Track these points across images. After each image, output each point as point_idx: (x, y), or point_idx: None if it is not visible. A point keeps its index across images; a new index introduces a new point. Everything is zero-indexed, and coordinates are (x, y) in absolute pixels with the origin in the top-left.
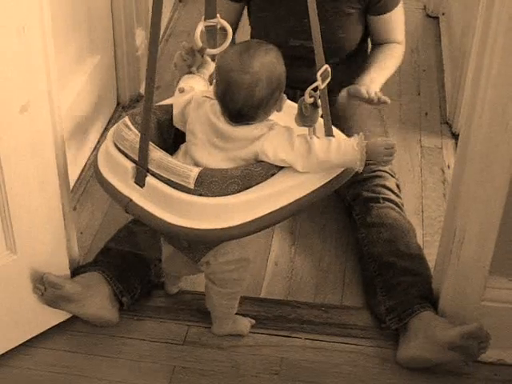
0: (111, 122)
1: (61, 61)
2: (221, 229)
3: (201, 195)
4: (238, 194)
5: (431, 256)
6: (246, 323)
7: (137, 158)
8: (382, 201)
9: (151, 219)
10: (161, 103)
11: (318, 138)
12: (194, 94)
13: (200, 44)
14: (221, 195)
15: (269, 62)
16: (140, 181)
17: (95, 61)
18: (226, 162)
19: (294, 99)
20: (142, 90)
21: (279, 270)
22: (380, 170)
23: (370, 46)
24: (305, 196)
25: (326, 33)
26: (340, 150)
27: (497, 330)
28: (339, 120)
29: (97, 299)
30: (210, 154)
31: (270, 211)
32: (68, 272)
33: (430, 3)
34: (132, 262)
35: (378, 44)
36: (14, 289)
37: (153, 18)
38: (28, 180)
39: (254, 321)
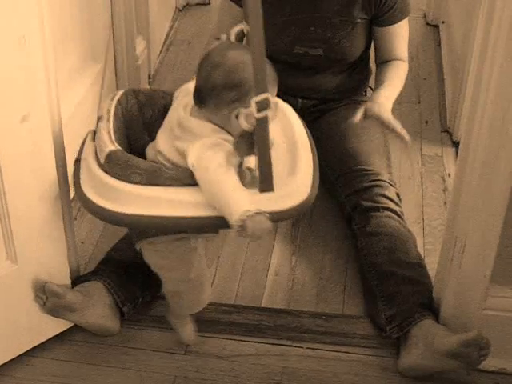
0: None
1: (61, 70)
2: (114, 211)
3: (106, 172)
4: (133, 185)
5: (432, 264)
6: (186, 331)
7: None
8: (381, 210)
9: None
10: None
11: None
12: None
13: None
14: (122, 180)
15: (241, 60)
16: None
17: (96, 70)
18: (171, 149)
19: (295, 107)
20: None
21: (280, 279)
22: (380, 180)
23: (370, 55)
24: (195, 217)
25: (330, 41)
26: (222, 199)
27: (498, 338)
28: (341, 148)
29: (98, 308)
30: (166, 138)
31: (162, 214)
32: (69, 281)
33: (429, 11)
34: (133, 272)
35: (383, 62)
36: (14, 299)
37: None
38: (28, 190)
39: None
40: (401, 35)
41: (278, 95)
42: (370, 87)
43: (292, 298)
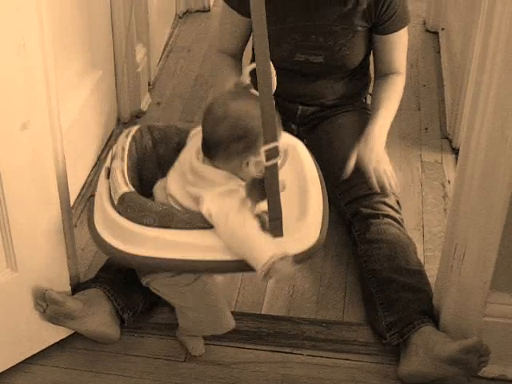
0: (112, 138)
1: (61, 77)
2: (127, 252)
3: (119, 213)
4: (146, 227)
5: (432, 271)
6: (197, 346)
7: None
8: (381, 217)
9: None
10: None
11: (258, 218)
12: None
13: (247, 82)
14: (135, 222)
15: (244, 110)
16: None
17: (96, 77)
18: (184, 194)
19: (295, 113)
20: (142, 106)
21: (280, 286)
22: (379, 187)
23: (371, 62)
24: (211, 261)
25: (331, 49)
26: (246, 245)
27: (498, 345)
28: (341, 156)
29: (98, 316)
30: (177, 183)
31: (174, 257)
32: (69, 289)
33: (429, 18)
34: (133, 279)
35: (381, 75)
36: (15, 306)
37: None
38: (28, 197)
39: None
40: (400, 45)
41: (277, 102)
42: (370, 94)
43: (292, 305)
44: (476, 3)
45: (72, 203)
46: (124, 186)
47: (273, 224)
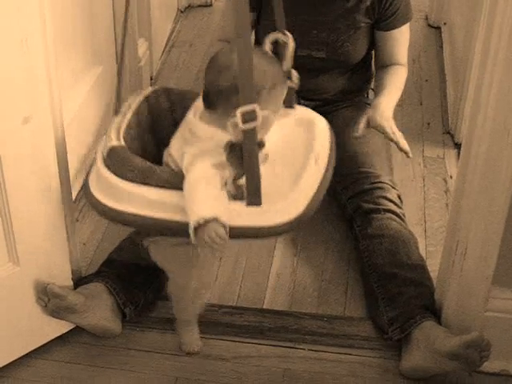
0: None
1: (63, 72)
2: (108, 206)
3: (107, 167)
4: (127, 182)
5: (434, 266)
6: (193, 342)
7: None
8: (382, 212)
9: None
10: None
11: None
12: None
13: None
14: (118, 176)
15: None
16: None
17: (98, 72)
18: (180, 153)
19: None
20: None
21: (282, 280)
22: (381, 182)
23: (373, 57)
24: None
25: (333, 44)
26: (191, 201)
27: (500, 340)
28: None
29: (100, 310)
30: (177, 141)
31: (145, 214)
32: (71, 283)
33: (431, 13)
34: (135, 273)
35: (383, 66)
36: (16, 300)
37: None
38: (30, 191)
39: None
40: (402, 40)
41: None
42: (372, 89)
43: (294, 300)
44: None
45: (73, 198)
46: (114, 140)
47: (250, 191)
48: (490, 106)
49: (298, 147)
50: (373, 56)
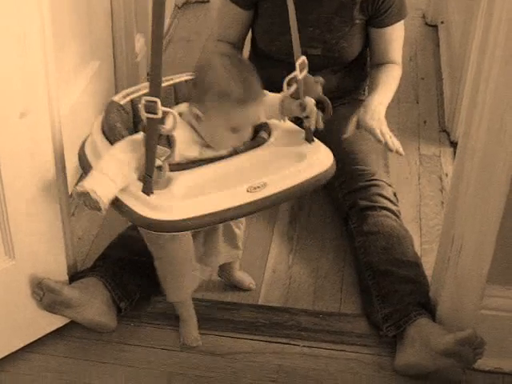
0: None
1: (61, 66)
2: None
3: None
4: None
5: (429, 264)
6: (193, 337)
7: None
8: (378, 209)
9: None
10: None
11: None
12: None
13: None
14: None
15: (209, 63)
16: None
17: (95, 67)
18: None
19: None
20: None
21: (277, 277)
22: (377, 179)
23: (368, 55)
24: None
25: (329, 41)
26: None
27: (494, 338)
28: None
29: (95, 305)
30: None
31: None
32: (66, 277)
33: (429, 12)
34: (130, 268)
35: (377, 64)
36: (12, 294)
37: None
38: (26, 185)
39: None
40: (396, 38)
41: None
42: (369, 86)
43: (289, 296)
44: None
45: (70, 192)
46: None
47: (144, 179)
48: (486, 104)
49: (250, 173)
50: (367, 56)
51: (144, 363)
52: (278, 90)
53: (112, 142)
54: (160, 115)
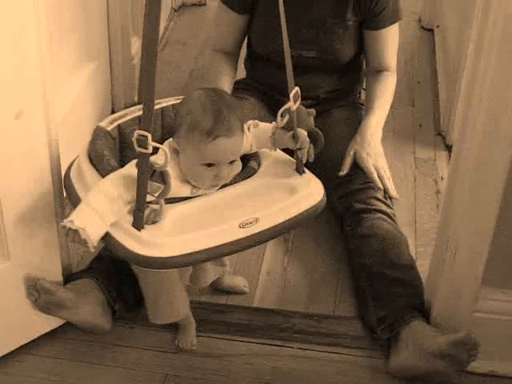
0: None
1: (57, 67)
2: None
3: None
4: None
5: (424, 267)
6: (189, 340)
7: None
8: (373, 212)
9: None
10: None
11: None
12: None
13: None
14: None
15: (193, 98)
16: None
17: (91, 68)
18: None
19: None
20: (137, 99)
21: (272, 279)
22: (371, 182)
23: (363, 59)
24: None
25: (323, 43)
26: (85, 196)
27: (489, 341)
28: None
29: (90, 306)
30: None
31: None
32: (61, 279)
33: (424, 15)
34: (126, 270)
35: (373, 71)
36: (6, 295)
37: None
38: (22, 186)
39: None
40: (390, 41)
41: (273, 96)
42: (364, 89)
43: (284, 299)
44: (471, 0)
45: (65, 194)
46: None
47: (134, 214)
48: (481, 108)
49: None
50: (362, 60)
51: (139, 365)
52: (275, 92)
53: (99, 170)
54: (150, 151)
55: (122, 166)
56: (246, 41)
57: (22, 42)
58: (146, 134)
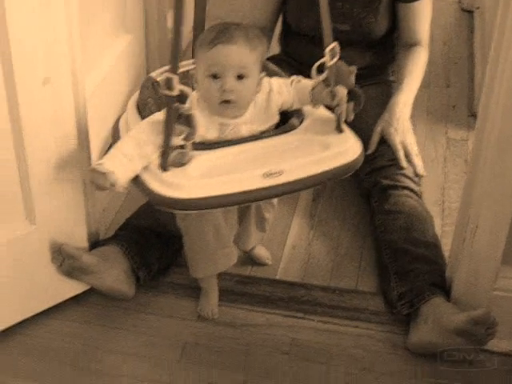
0: None
1: (91, 36)
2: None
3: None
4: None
5: (449, 246)
6: (211, 308)
7: None
8: (400, 189)
9: None
10: None
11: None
12: None
13: None
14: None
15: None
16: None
17: (127, 40)
18: None
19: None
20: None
21: (296, 252)
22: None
23: (395, 37)
24: None
25: (357, 16)
26: (116, 144)
27: (507, 319)
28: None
29: (114, 272)
30: None
31: None
32: (86, 245)
33: None
34: (151, 238)
35: (405, 45)
36: (32, 259)
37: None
38: (49, 152)
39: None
40: (423, 14)
41: (306, 72)
42: (395, 71)
43: (307, 272)
44: None
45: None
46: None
47: (160, 156)
48: (502, 89)
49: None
50: (396, 37)
51: (159, 332)
52: (309, 68)
53: (143, 118)
54: (175, 93)
55: None
56: (280, 18)
57: (51, 8)
58: (172, 76)
